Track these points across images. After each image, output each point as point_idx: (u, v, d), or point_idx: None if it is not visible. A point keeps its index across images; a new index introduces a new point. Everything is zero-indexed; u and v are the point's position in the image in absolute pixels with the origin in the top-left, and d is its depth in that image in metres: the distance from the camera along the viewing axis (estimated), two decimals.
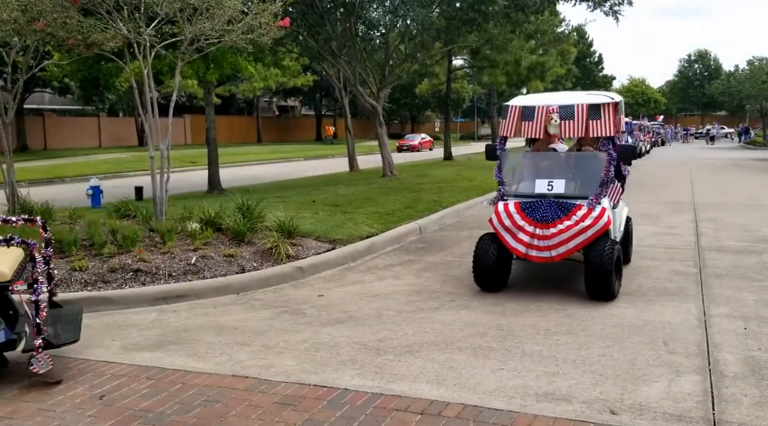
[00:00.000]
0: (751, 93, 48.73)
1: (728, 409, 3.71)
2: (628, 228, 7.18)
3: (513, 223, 6.13)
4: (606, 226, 5.90)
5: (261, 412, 3.72)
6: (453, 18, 16.79)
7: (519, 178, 6.63)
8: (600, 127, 6.03)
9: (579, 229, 5.88)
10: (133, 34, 8.00)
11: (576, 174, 6.42)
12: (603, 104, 6.08)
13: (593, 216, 5.89)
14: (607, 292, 5.80)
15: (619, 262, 5.99)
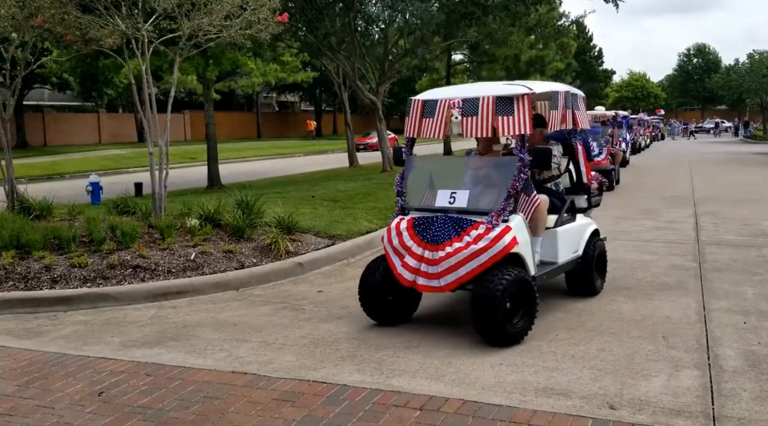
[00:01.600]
0: (751, 87, 48.60)
1: (728, 404, 3.71)
2: (596, 249, 5.89)
3: (401, 243, 4.95)
4: (506, 250, 4.67)
5: (260, 408, 3.72)
6: (452, 12, 16.74)
7: (423, 188, 5.41)
8: (512, 124, 4.84)
9: (470, 253, 4.66)
10: (131, 30, 7.97)
11: (486, 184, 5.24)
12: (516, 97, 4.85)
13: (489, 237, 4.67)
14: (494, 332, 4.56)
15: (526, 297, 4.72)
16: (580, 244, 5.77)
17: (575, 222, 5.81)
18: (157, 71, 13.96)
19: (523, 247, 4.85)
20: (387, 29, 19.24)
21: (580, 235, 5.81)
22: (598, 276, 5.94)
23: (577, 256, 5.70)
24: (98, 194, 12.98)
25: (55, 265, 6.48)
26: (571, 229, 5.69)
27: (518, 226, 4.84)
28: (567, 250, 5.57)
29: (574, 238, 5.71)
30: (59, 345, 4.92)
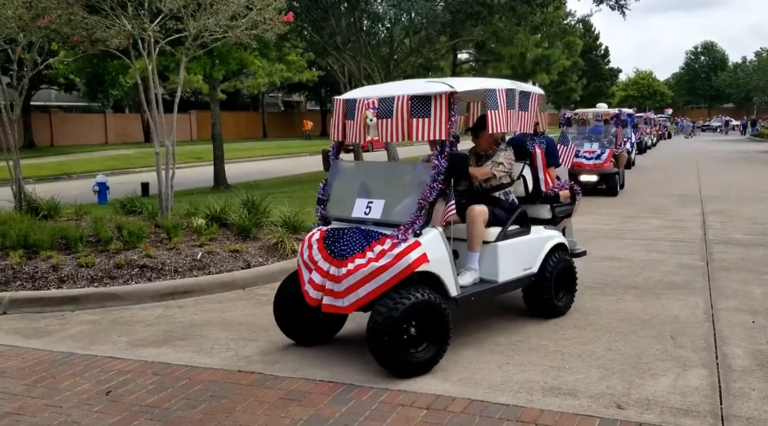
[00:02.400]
0: (759, 85, 48.38)
1: (736, 404, 3.69)
2: (558, 266, 5.21)
3: (310, 256, 4.51)
4: (411, 269, 4.12)
5: (267, 408, 3.72)
6: (458, 11, 16.72)
7: (345, 197, 4.89)
8: (428, 128, 4.29)
9: (369, 272, 4.13)
10: (138, 31, 8.00)
11: (403, 194, 4.64)
12: (433, 96, 4.29)
13: (392, 254, 4.13)
14: (391, 361, 4.04)
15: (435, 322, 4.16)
16: (534, 259, 5.10)
17: (529, 235, 5.14)
18: (164, 71, 14.02)
19: (437, 265, 4.28)
20: (392, 28, 19.23)
21: (536, 250, 5.14)
22: (563, 295, 5.34)
23: (530, 273, 5.06)
24: (105, 194, 13.04)
25: (63, 264, 6.50)
26: (520, 243, 5.04)
27: (432, 241, 4.29)
28: (513, 267, 4.95)
29: (524, 254, 5.05)
30: (67, 344, 4.94)
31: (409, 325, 4.05)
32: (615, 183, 13.54)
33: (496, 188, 5.16)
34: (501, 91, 4.64)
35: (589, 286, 6.26)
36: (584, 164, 13.59)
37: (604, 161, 13.56)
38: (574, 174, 12.91)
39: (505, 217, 5.02)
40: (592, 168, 13.55)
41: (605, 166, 13.50)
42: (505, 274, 4.88)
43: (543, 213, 5.51)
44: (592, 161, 13.64)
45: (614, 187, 13.53)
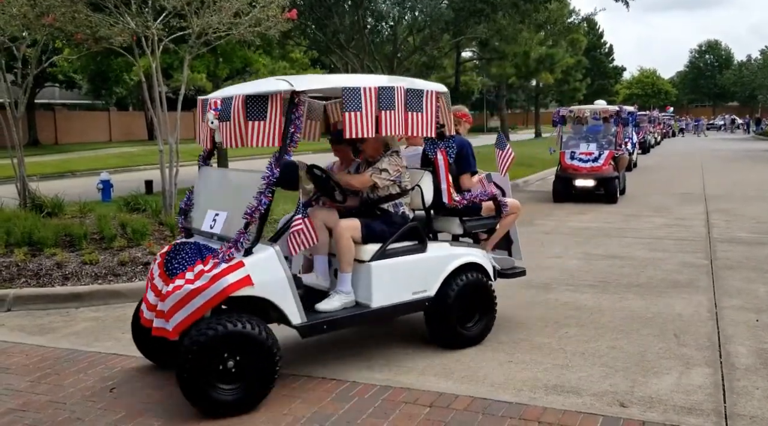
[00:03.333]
0: (763, 83, 48.22)
1: (740, 402, 3.68)
2: (464, 288, 4.54)
3: (151, 273, 4.14)
4: (225, 293, 3.61)
5: (269, 404, 3.73)
6: (461, 9, 16.69)
7: (202, 207, 4.40)
8: (263, 132, 3.79)
9: (184, 294, 3.64)
10: (141, 28, 8.01)
11: (243, 204, 3.89)
12: (269, 95, 3.79)
13: (209, 275, 3.64)
14: (193, 398, 3.55)
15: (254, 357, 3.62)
16: (430, 281, 4.45)
17: (423, 254, 4.45)
18: (168, 69, 14.02)
19: (266, 289, 3.76)
20: (396, 26, 19.20)
21: (432, 271, 4.47)
22: (475, 322, 4.65)
23: (423, 297, 4.42)
24: (109, 192, 13.05)
25: (67, 262, 6.52)
26: (407, 262, 4.36)
27: (261, 261, 3.76)
28: (395, 290, 4.31)
29: (414, 275, 4.39)
30: (71, 341, 4.96)
31: (220, 357, 3.54)
32: (614, 188, 12.22)
33: (385, 199, 4.49)
34: (368, 90, 3.96)
35: (592, 285, 6.26)
36: (580, 167, 12.41)
37: (602, 164, 12.32)
38: (569, 178, 12.37)
39: (388, 233, 4.35)
40: (589, 171, 12.33)
41: (603, 169, 12.25)
42: (381, 299, 4.23)
43: (453, 228, 4.82)
44: (589, 164, 12.40)
45: (613, 192, 12.19)
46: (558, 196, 12.53)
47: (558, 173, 12.77)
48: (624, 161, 13.30)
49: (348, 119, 3.93)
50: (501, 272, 5.12)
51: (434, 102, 4.32)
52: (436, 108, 4.34)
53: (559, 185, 12.60)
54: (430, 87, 4.37)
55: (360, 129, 3.95)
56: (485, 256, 4.85)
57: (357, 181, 4.49)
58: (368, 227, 4.32)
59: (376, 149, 4.55)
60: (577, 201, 12.17)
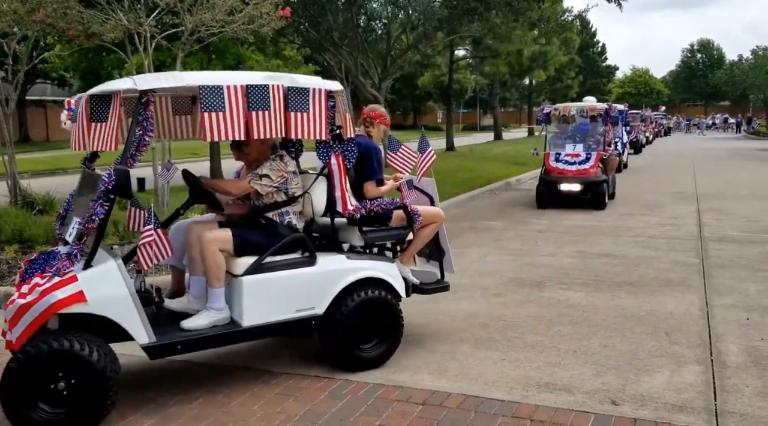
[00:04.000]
0: (755, 82, 48.54)
1: (730, 400, 3.71)
2: (359, 306, 4.12)
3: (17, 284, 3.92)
4: (54, 309, 3.34)
5: (263, 403, 3.73)
6: (455, 8, 16.71)
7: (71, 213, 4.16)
8: (100, 135, 3.46)
9: (17, 308, 3.40)
10: (134, 25, 7.97)
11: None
12: (111, 95, 3.49)
13: (40, 289, 3.39)
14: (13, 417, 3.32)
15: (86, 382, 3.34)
16: (319, 298, 4.07)
17: (312, 267, 4.08)
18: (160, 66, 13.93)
19: (103, 306, 3.45)
20: (389, 25, 19.20)
21: (320, 286, 4.08)
22: (374, 344, 4.22)
23: (310, 315, 4.05)
24: None
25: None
26: (288, 277, 4.00)
27: (98, 276, 3.46)
28: (274, 308, 3.95)
29: (297, 290, 4.02)
30: None
31: (47, 377, 3.31)
32: (602, 193, 11.20)
33: (270, 207, 4.13)
34: (233, 89, 3.63)
35: (585, 283, 6.28)
36: (566, 170, 11.36)
37: (589, 167, 11.27)
38: (553, 182, 11.36)
39: (266, 245, 3.98)
40: (575, 175, 11.29)
41: (591, 172, 11.22)
42: (255, 317, 3.89)
43: (353, 239, 4.38)
44: (575, 166, 11.35)
45: (601, 198, 11.18)
46: (541, 201, 11.53)
47: (542, 176, 11.77)
48: (613, 163, 12.38)
49: (208, 121, 3.58)
50: (418, 287, 4.61)
51: (324, 101, 3.91)
52: (326, 108, 3.93)
53: (542, 189, 11.55)
54: (319, 85, 3.95)
55: (223, 131, 3.61)
56: (393, 270, 4.35)
57: (233, 188, 4.16)
58: (242, 238, 3.96)
59: (261, 152, 4.17)
60: (562, 207, 11.25)
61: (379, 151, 4.60)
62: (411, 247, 4.65)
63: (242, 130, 3.66)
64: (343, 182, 4.15)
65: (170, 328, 3.79)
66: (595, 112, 12.10)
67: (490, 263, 7.21)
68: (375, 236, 4.44)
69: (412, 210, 4.42)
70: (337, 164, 4.13)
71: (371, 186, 4.50)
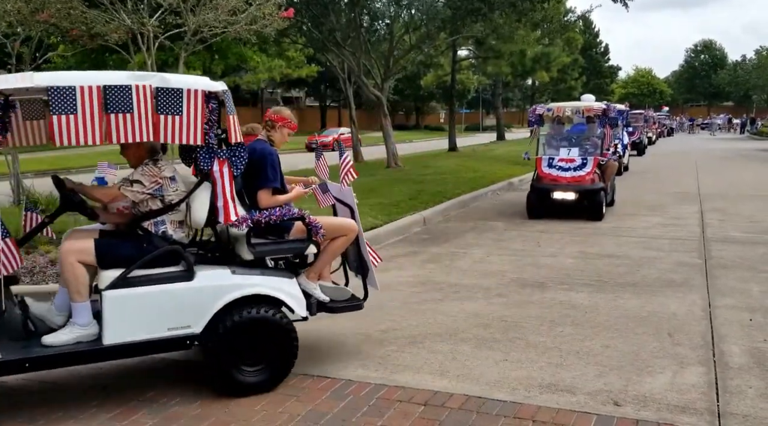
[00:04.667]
0: (758, 83, 48.43)
1: (733, 401, 3.70)
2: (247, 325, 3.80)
3: None
4: None
5: (264, 403, 3.73)
6: (458, 8, 16.70)
7: None
8: None
9: None
10: (137, 25, 7.99)
11: None
12: None
13: None
14: None
15: None
16: (195, 315, 3.74)
17: (188, 282, 3.75)
18: (163, 66, 13.96)
19: None
20: (392, 25, 19.20)
21: (199, 303, 3.75)
22: (260, 369, 3.86)
23: (184, 334, 3.73)
24: None
25: None
26: (159, 292, 3.69)
27: None
28: (139, 325, 3.65)
29: (170, 307, 3.70)
30: None
31: None
32: (599, 202, 10.01)
33: (147, 215, 3.85)
34: (87, 90, 3.38)
35: (587, 284, 6.27)
36: (559, 177, 10.25)
37: (585, 173, 10.14)
38: (546, 190, 10.28)
39: (137, 257, 3.69)
40: (570, 182, 10.18)
41: (587, 179, 10.09)
42: (118, 334, 3.61)
43: (244, 252, 4.02)
44: (570, 173, 10.22)
45: (598, 207, 10.00)
46: (532, 211, 10.39)
47: (533, 183, 10.63)
48: (612, 168, 11.21)
49: (57, 123, 3.32)
50: (326, 305, 4.26)
51: (201, 103, 3.62)
52: (203, 110, 3.64)
53: (533, 198, 10.42)
54: (195, 85, 3.63)
55: (74, 135, 3.36)
56: (289, 287, 4.00)
57: (103, 195, 3.92)
58: (106, 249, 3.68)
59: (137, 157, 3.91)
60: (555, 216, 10.21)
61: (276, 156, 4.24)
62: (318, 261, 4.27)
63: (97, 134, 3.42)
64: (227, 191, 3.78)
65: (29, 343, 3.56)
66: (592, 113, 10.82)
67: (492, 263, 7.21)
68: (265, 250, 4.05)
69: (311, 222, 4.06)
70: (220, 171, 3.78)
71: (264, 195, 4.15)
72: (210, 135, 3.70)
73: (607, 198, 10.74)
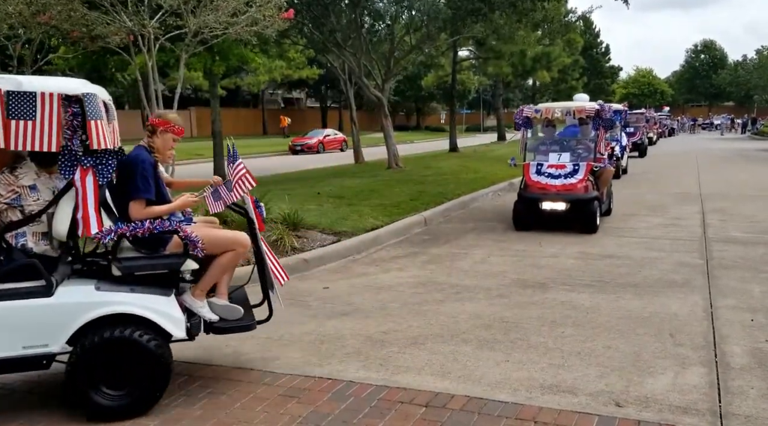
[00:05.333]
0: (759, 83, 48.40)
1: (735, 402, 3.69)
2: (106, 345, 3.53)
3: None
4: None
5: (266, 404, 3.73)
6: (459, 8, 16.71)
7: None
8: None
9: None
10: (138, 27, 8.00)
11: None
12: None
13: None
14: None
15: None
16: (53, 334, 3.51)
17: (46, 299, 3.51)
18: (164, 68, 13.99)
19: None
20: (393, 25, 19.21)
21: (56, 321, 3.52)
22: (124, 391, 3.59)
23: (40, 353, 3.51)
24: None
25: None
26: (11, 309, 3.45)
27: None
28: None
29: (24, 324, 3.48)
30: None
31: None
32: (592, 213, 8.92)
33: (8, 227, 3.63)
34: None
35: (588, 284, 6.27)
36: (548, 185, 9.18)
37: (577, 180, 9.09)
38: (534, 199, 9.20)
39: None
40: (560, 191, 9.12)
41: (579, 187, 9.03)
42: None
43: (113, 268, 3.73)
44: (560, 181, 9.18)
45: (591, 218, 8.93)
46: (519, 222, 9.35)
47: (520, 192, 9.52)
48: (607, 175, 9.94)
49: None
50: (213, 325, 4.04)
51: (56, 107, 3.39)
52: (59, 115, 3.41)
53: (520, 208, 9.34)
54: (51, 88, 3.40)
55: None
56: (162, 306, 3.70)
57: None
58: None
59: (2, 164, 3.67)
60: (544, 229, 9.23)
61: (148, 164, 3.90)
62: (204, 278, 4.00)
63: None
64: (89, 201, 3.57)
65: None
66: (584, 114, 9.66)
67: (493, 264, 7.21)
68: (133, 265, 3.74)
69: (187, 235, 3.75)
70: (82, 180, 3.55)
71: (136, 207, 3.82)
72: (73, 141, 3.48)
73: (602, 207, 9.68)
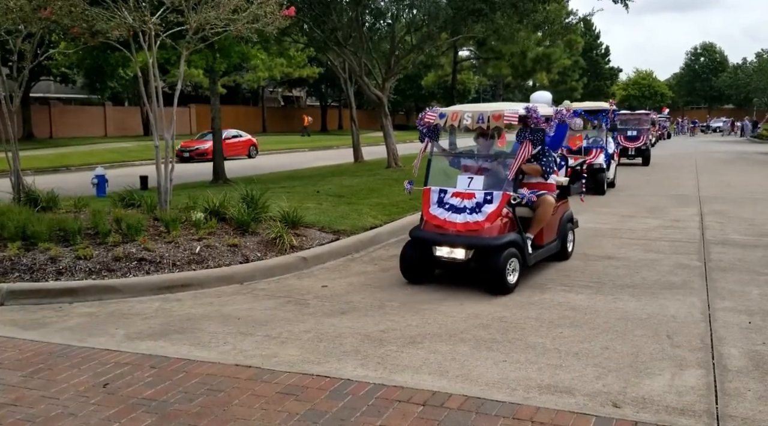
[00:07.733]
0: (759, 86, 48.44)
1: (732, 404, 3.70)
2: None
3: None
4: None
5: (264, 402, 3.73)
6: (460, 8, 16.71)
7: None
8: None
9: None
10: (138, 23, 7.98)
11: None
12: None
13: None
14: None
15: None
16: None
17: None
18: (164, 64, 13.97)
19: None
20: (394, 24, 19.21)
21: None
22: None
23: None
24: (104, 187, 13.02)
25: (61, 256, 6.50)
26: None
27: None
28: None
29: None
30: (64, 336, 4.94)
31: None
32: (499, 269, 5.89)
33: None
34: None
35: (586, 285, 6.27)
36: (447, 223, 6.27)
37: (485, 217, 6.10)
38: (425, 242, 6.29)
39: None
40: (460, 231, 6.18)
41: (484, 228, 6.08)
42: None
43: None
44: (462, 216, 6.23)
45: (498, 276, 5.91)
46: (409, 272, 6.49)
47: (411, 231, 6.60)
48: (545, 208, 6.70)
49: None
50: None
51: None
52: None
53: (409, 254, 6.45)
54: None
55: None
56: None
57: None
58: None
59: None
60: (444, 283, 6.48)
61: None
62: None
63: None
64: None
65: None
66: (500, 122, 6.28)
67: None
68: None
69: None
70: None
71: None
72: None
73: (529, 258, 6.40)
